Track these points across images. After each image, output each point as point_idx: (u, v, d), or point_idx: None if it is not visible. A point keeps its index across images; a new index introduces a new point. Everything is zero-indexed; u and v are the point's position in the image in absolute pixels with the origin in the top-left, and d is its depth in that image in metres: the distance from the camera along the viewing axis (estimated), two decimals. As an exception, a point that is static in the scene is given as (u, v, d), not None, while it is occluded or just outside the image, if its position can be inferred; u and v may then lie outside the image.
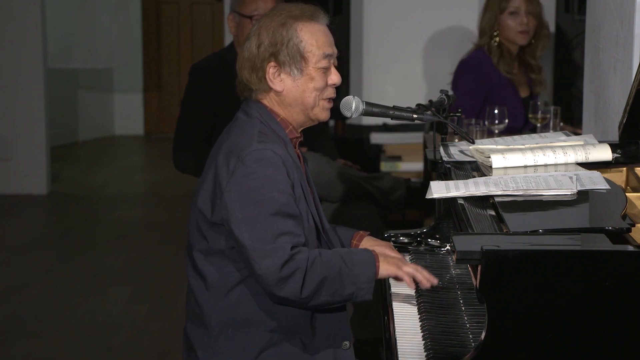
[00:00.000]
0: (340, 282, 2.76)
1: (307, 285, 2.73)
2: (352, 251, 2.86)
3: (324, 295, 2.76)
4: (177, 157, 4.77)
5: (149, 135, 9.83)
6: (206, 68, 4.76)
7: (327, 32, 2.89)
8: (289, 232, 2.75)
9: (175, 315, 5.18)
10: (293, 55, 2.84)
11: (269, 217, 2.74)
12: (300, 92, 2.87)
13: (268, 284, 2.74)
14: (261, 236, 2.73)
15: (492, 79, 5.29)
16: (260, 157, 2.77)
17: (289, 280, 2.72)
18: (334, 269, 2.76)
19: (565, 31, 6.70)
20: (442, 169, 3.28)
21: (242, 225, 2.75)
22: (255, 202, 2.75)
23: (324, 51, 2.86)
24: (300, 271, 2.73)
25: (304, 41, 2.84)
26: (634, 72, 3.32)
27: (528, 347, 2.29)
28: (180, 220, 6.90)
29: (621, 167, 3.16)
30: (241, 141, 2.82)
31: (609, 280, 2.25)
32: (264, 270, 2.73)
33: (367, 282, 2.79)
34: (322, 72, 2.87)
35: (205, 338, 2.88)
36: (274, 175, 2.77)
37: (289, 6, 2.89)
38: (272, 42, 2.84)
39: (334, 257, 2.79)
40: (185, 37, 9.65)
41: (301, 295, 2.74)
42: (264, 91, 2.89)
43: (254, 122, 2.88)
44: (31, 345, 4.92)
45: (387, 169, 6.45)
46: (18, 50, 7.52)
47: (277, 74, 2.86)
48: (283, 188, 2.77)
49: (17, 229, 6.88)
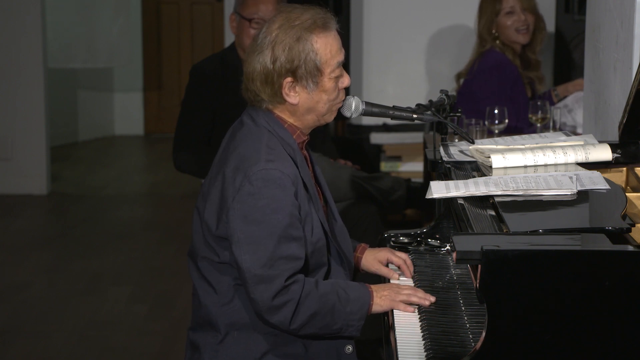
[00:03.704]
0: (332, 318, 2.78)
1: (297, 317, 2.75)
2: (349, 286, 2.85)
3: (313, 328, 2.78)
4: (177, 157, 4.77)
5: (149, 135, 9.83)
6: (207, 69, 4.76)
7: (338, 39, 2.87)
8: (289, 257, 2.74)
9: (175, 315, 5.18)
10: (310, 70, 2.80)
11: (270, 240, 2.73)
12: (314, 103, 2.85)
13: (260, 309, 2.76)
14: (259, 260, 2.73)
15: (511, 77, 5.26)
16: (267, 177, 2.75)
17: (280, 310, 2.74)
18: (327, 304, 2.77)
19: (565, 31, 6.70)
20: (442, 169, 3.28)
21: (242, 245, 2.74)
22: (258, 222, 2.73)
23: (337, 60, 2.84)
24: (293, 303, 2.74)
25: (320, 54, 2.81)
26: (634, 72, 3.32)
27: (528, 347, 2.29)
28: (180, 220, 6.90)
29: (621, 167, 3.16)
30: (249, 155, 2.79)
31: (609, 280, 2.25)
32: (257, 296, 2.74)
33: (358, 319, 2.81)
34: (335, 81, 2.86)
35: (211, 340, 2.88)
36: (280, 196, 2.75)
37: (299, 13, 2.83)
38: (289, 59, 2.79)
39: (330, 291, 2.79)
40: (185, 37, 9.64)
41: (290, 326, 2.76)
42: (278, 103, 2.86)
43: (262, 132, 2.85)
44: (31, 345, 4.92)
45: (387, 169, 6.46)
46: (18, 50, 7.52)
47: (292, 87, 2.83)
48: (288, 210, 2.75)
49: (17, 229, 6.88)
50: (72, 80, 9.33)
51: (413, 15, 7.06)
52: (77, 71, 9.24)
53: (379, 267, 3.12)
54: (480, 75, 5.30)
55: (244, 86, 2.89)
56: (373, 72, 7.15)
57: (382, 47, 7.13)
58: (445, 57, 6.82)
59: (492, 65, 5.28)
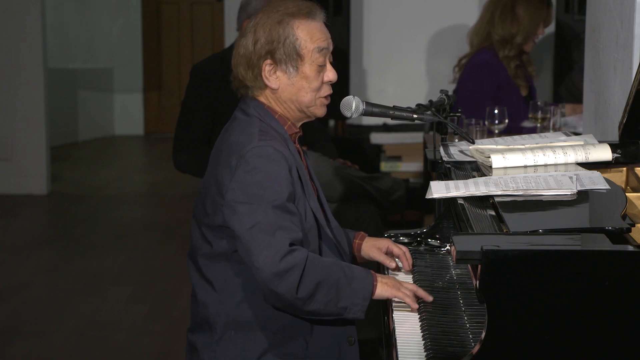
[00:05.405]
0: (337, 292, 2.75)
1: (303, 284, 2.71)
2: (352, 266, 2.84)
3: (318, 301, 2.74)
4: (177, 157, 4.78)
5: (149, 135, 9.83)
6: (207, 69, 4.77)
7: (324, 28, 2.88)
8: (287, 227, 2.74)
9: (175, 315, 5.18)
10: (289, 53, 2.83)
11: (269, 210, 2.74)
12: (295, 90, 2.87)
13: (265, 277, 2.71)
14: (261, 228, 2.72)
15: (500, 78, 5.31)
16: (261, 153, 2.77)
17: (286, 276, 2.70)
18: (332, 276, 2.75)
19: (565, 31, 6.70)
20: (442, 169, 3.28)
21: (243, 217, 2.74)
22: (257, 195, 2.74)
23: (318, 45, 2.84)
24: (298, 268, 2.71)
25: (300, 39, 2.83)
26: (634, 72, 3.32)
27: (528, 347, 2.29)
28: (180, 220, 6.90)
29: (621, 167, 3.16)
30: (242, 140, 2.82)
31: (609, 280, 2.25)
32: (261, 262, 2.71)
33: (363, 299, 2.78)
34: (317, 70, 2.86)
35: (208, 340, 2.89)
36: (275, 170, 2.76)
37: (285, 3, 2.87)
38: (269, 39, 2.83)
39: (333, 265, 2.78)
40: (185, 37, 9.65)
41: (297, 294, 2.71)
42: (260, 88, 2.89)
43: (253, 120, 2.88)
44: (31, 345, 4.92)
45: (387, 169, 6.46)
46: (18, 50, 7.52)
47: (272, 71, 2.85)
48: (285, 183, 2.77)
49: (17, 229, 6.88)
50: (72, 81, 9.33)
51: (413, 15, 7.07)
52: (77, 71, 9.24)
53: (378, 253, 3.11)
54: (466, 73, 5.37)
55: (232, 75, 2.92)
56: (373, 72, 7.15)
57: (382, 47, 7.14)
58: (445, 57, 6.82)
59: (481, 64, 5.33)
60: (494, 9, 5.41)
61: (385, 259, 3.10)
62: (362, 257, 3.15)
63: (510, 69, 5.35)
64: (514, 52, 5.36)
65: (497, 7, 5.41)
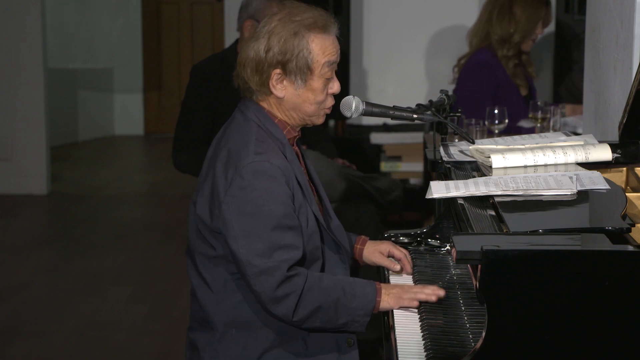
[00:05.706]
0: (335, 312, 2.77)
1: (300, 309, 2.75)
2: (355, 282, 2.84)
3: (317, 322, 2.78)
4: (176, 157, 4.78)
5: (149, 135, 9.83)
6: (207, 69, 4.77)
7: (336, 42, 2.87)
8: (286, 246, 2.74)
9: (175, 315, 5.18)
10: (301, 66, 2.81)
11: (266, 231, 2.73)
12: (300, 101, 2.86)
13: (263, 300, 2.76)
14: (258, 251, 2.73)
15: (499, 77, 5.32)
16: (257, 169, 2.75)
17: (282, 302, 2.74)
18: (331, 298, 2.77)
19: (565, 31, 6.70)
20: (442, 169, 3.28)
21: (239, 239, 2.74)
22: (253, 214, 2.74)
23: (329, 59, 2.83)
24: (295, 295, 2.74)
25: (313, 53, 2.81)
26: (634, 72, 3.32)
27: (528, 347, 2.29)
28: (180, 220, 6.90)
29: (621, 167, 3.16)
30: (239, 148, 2.81)
31: (609, 280, 2.25)
32: (258, 287, 2.74)
33: (364, 315, 2.80)
34: (324, 83, 2.85)
35: (209, 339, 2.88)
36: (271, 187, 2.75)
37: (302, 11, 2.84)
38: (282, 50, 2.80)
39: (333, 286, 2.79)
40: (185, 37, 9.64)
41: (292, 318, 2.76)
42: (264, 94, 2.87)
43: (251, 126, 2.86)
44: (31, 345, 4.92)
45: (387, 169, 6.46)
46: (18, 50, 7.52)
47: (280, 80, 2.83)
48: (281, 200, 2.76)
49: (17, 229, 6.88)
50: (72, 81, 9.33)
51: (413, 15, 7.06)
52: (77, 71, 9.23)
53: (380, 258, 3.12)
54: (465, 73, 5.38)
55: (235, 72, 2.90)
56: (373, 72, 7.15)
57: (382, 47, 7.13)
58: (445, 57, 6.81)
59: (480, 64, 5.33)
60: (492, 9, 5.42)
61: (389, 264, 3.11)
62: (364, 262, 3.15)
63: (509, 69, 5.37)
64: (512, 52, 5.37)
65: (495, 6, 5.41)
